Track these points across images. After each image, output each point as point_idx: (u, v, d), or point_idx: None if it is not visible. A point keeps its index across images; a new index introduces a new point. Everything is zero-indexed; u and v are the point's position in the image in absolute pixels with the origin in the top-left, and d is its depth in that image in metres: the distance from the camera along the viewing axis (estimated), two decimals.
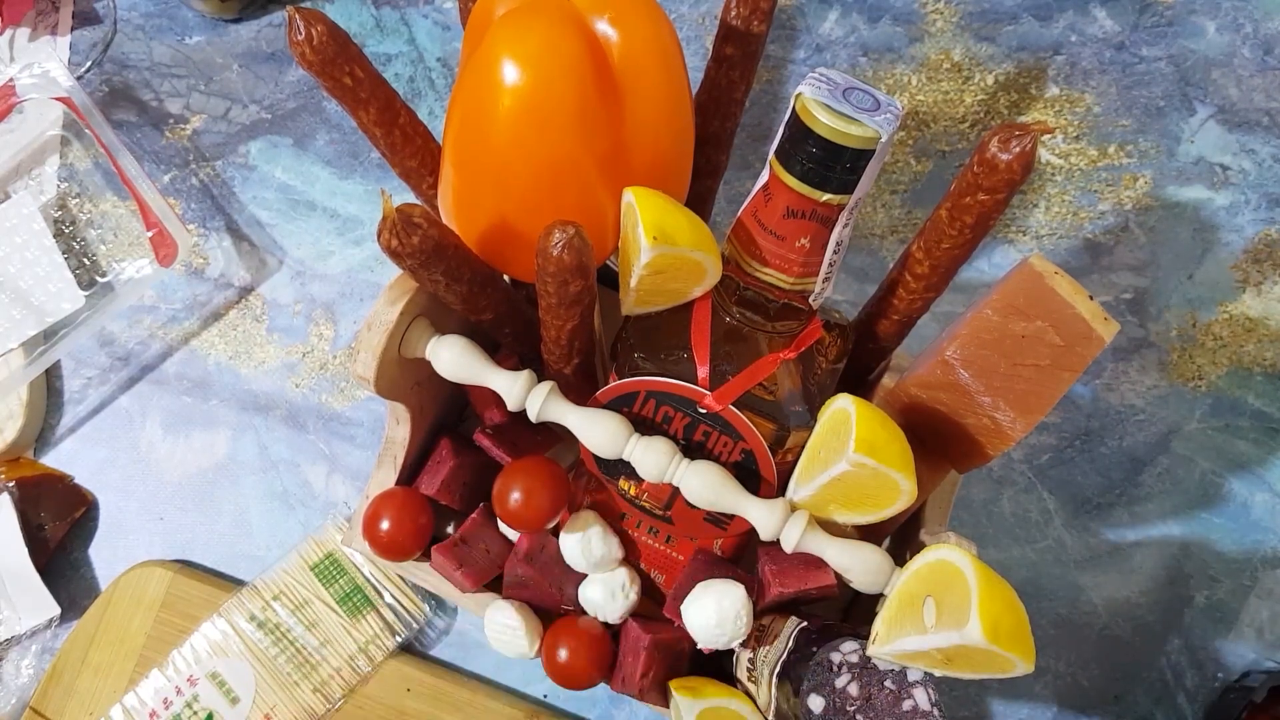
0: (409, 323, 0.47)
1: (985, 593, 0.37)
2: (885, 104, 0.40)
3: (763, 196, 0.43)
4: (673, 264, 0.42)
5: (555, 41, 0.40)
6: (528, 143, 0.42)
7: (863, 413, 0.42)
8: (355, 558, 0.63)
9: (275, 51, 0.71)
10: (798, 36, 0.69)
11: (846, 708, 0.42)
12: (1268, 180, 0.65)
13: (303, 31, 0.42)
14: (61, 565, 0.66)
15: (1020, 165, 0.38)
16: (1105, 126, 0.66)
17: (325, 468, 0.66)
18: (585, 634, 0.52)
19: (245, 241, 0.69)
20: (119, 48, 0.72)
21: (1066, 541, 0.62)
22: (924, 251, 0.44)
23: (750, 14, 0.46)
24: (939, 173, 0.66)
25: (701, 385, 0.45)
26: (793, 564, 0.46)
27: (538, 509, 0.48)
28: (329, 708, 0.61)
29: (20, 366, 0.64)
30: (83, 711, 0.62)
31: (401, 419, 0.53)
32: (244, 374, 0.67)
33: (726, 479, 0.45)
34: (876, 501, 0.43)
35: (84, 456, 0.67)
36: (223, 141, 0.70)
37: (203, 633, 0.61)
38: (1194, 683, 0.60)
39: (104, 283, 0.67)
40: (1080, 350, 0.41)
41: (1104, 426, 0.63)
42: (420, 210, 0.41)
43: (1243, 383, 0.63)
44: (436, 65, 0.70)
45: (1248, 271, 0.64)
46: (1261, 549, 0.61)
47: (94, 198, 0.70)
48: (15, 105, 0.66)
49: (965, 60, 0.67)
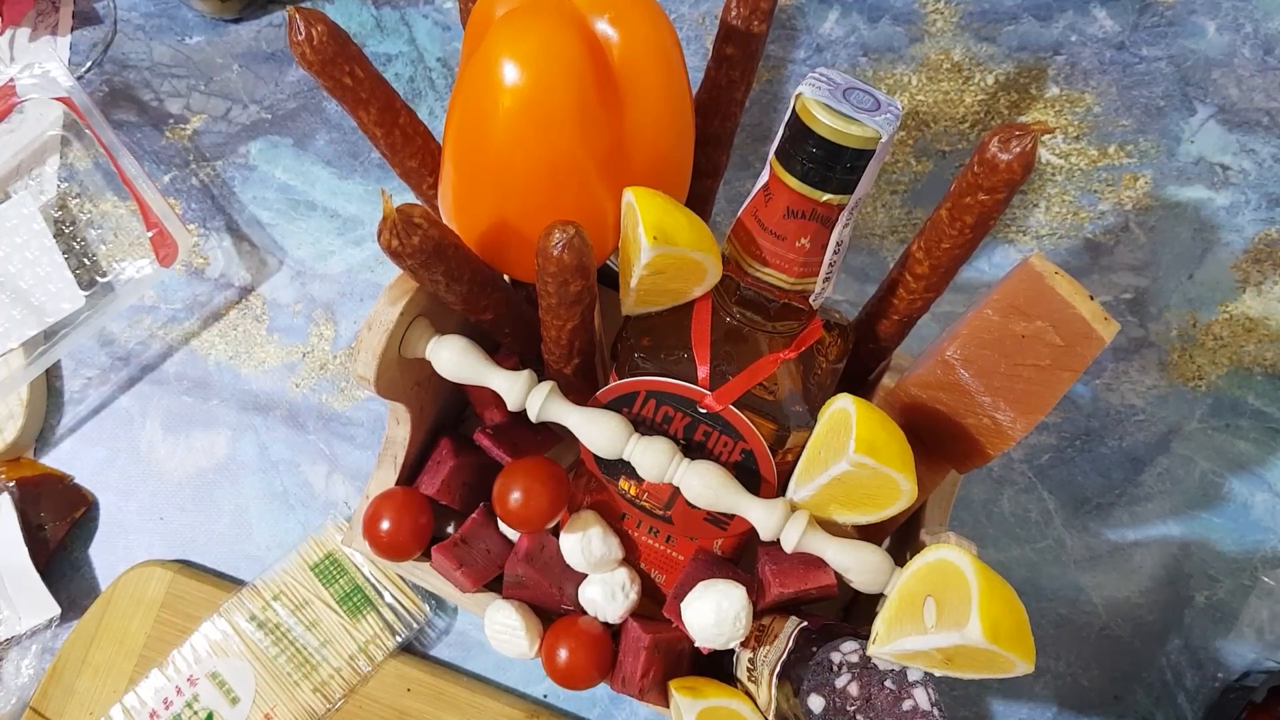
0: (409, 323, 0.47)
1: (985, 593, 0.37)
2: (885, 104, 0.40)
3: (763, 196, 0.43)
4: (673, 264, 0.42)
5: (555, 41, 0.40)
6: (528, 143, 0.42)
7: (863, 413, 0.42)
8: (355, 558, 0.63)
9: (275, 51, 0.71)
10: (798, 36, 0.69)
11: (846, 708, 0.42)
12: (1268, 180, 0.65)
13: (303, 31, 0.42)
14: (61, 565, 0.66)
15: (1020, 165, 0.38)
16: (1105, 126, 0.66)
17: (325, 468, 0.66)
18: (585, 634, 0.52)
19: (245, 241, 0.69)
20: (119, 48, 0.72)
21: (1066, 541, 0.62)
22: (924, 251, 0.44)
23: (750, 14, 0.46)
24: (939, 173, 0.66)
25: (701, 385, 0.45)
26: (793, 564, 0.46)
27: (538, 509, 0.48)
28: (329, 708, 0.61)
29: (20, 366, 0.64)
30: (83, 711, 0.62)
31: (401, 419, 0.53)
32: (244, 374, 0.67)
33: (727, 479, 0.45)
34: (876, 501, 0.43)
35: (84, 456, 0.67)
36: (223, 141, 0.70)
37: (203, 633, 0.62)
38: (1194, 683, 0.60)
39: (104, 283, 0.67)
40: (1080, 350, 0.41)
41: (1104, 426, 0.63)
42: (420, 210, 0.41)
43: (1243, 383, 0.63)
44: (436, 65, 0.70)
45: (1248, 271, 0.64)
46: (1261, 549, 0.61)
47: (94, 198, 0.70)
48: (15, 105, 0.66)
49: (965, 60, 0.67)
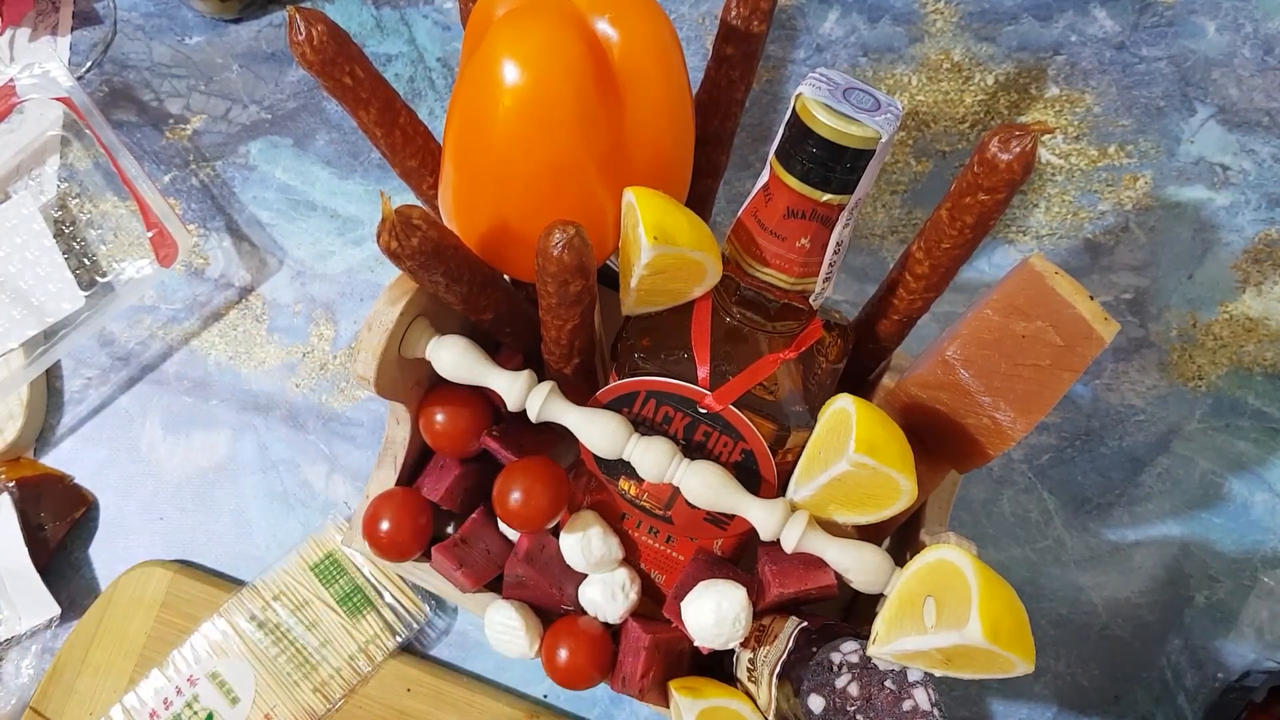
0: (409, 323, 0.47)
1: (985, 593, 0.37)
2: (885, 104, 0.40)
3: (763, 196, 0.43)
4: (673, 264, 0.42)
5: (555, 41, 0.40)
6: (528, 143, 0.42)
7: (863, 413, 0.42)
8: (355, 558, 0.63)
9: (275, 51, 0.71)
10: (798, 36, 0.69)
11: (846, 708, 0.42)
12: (1268, 180, 0.65)
13: (303, 31, 0.42)
14: (61, 565, 0.66)
15: (1020, 165, 0.38)
16: (1105, 126, 0.66)
17: (325, 468, 0.66)
18: (585, 634, 0.52)
19: (245, 242, 0.69)
20: (119, 48, 0.72)
21: (1066, 541, 0.62)
22: (924, 251, 0.44)
23: (750, 14, 0.46)
24: (939, 173, 0.66)
25: (702, 385, 0.45)
26: (793, 564, 0.46)
27: (538, 509, 0.48)
28: (329, 708, 0.61)
29: (20, 366, 0.64)
30: (83, 711, 0.62)
31: (401, 419, 0.53)
32: (244, 374, 0.67)
33: (727, 479, 0.45)
34: (876, 501, 0.43)
35: (84, 456, 0.67)
36: (223, 141, 0.70)
37: (203, 633, 0.61)
38: (1194, 683, 0.60)
39: (104, 283, 0.67)
40: (1080, 350, 0.41)
41: (1104, 426, 0.63)
42: (419, 212, 0.41)
43: (1243, 383, 0.63)
44: (436, 65, 0.70)
45: (1248, 271, 0.64)
46: (1261, 549, 0.61)
47: (94, 198, 0.70)
48: (15, 105, 0.66)
49: (965, 60, 0.67)
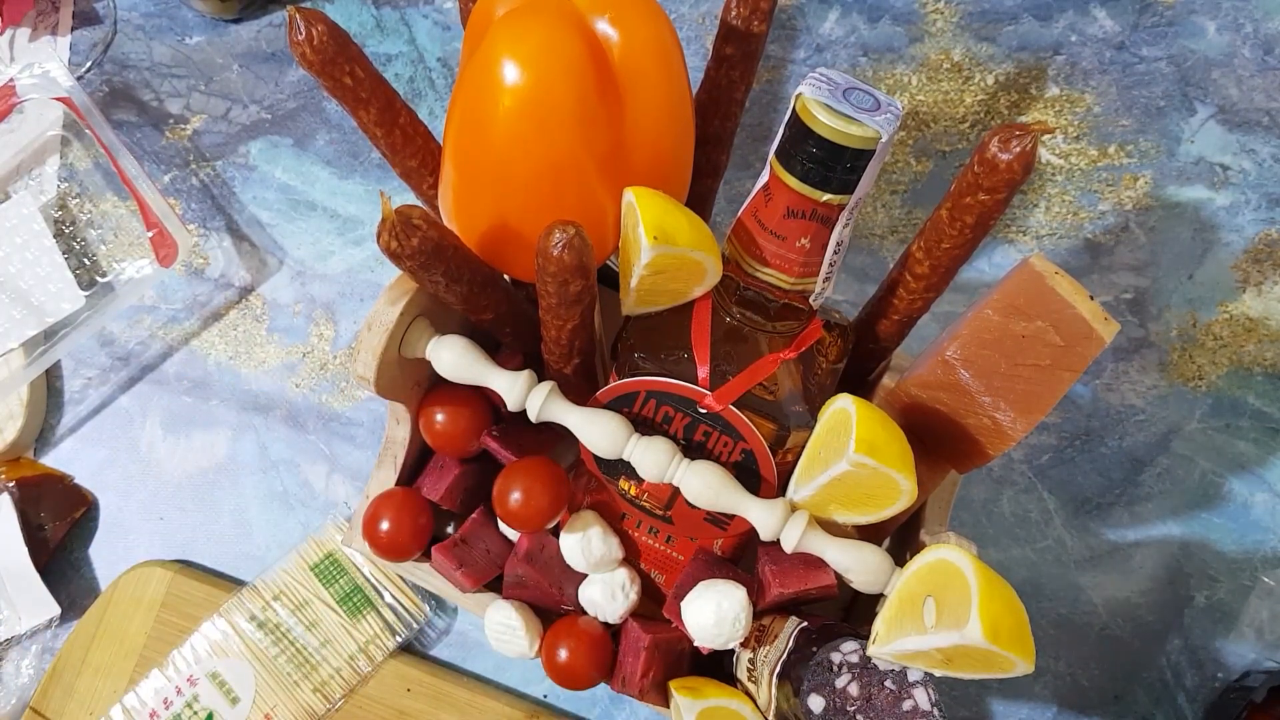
0: (409, 323, 0.47)
1: (985, 593, 0.37)
2: (885, 104, 0.40)
3: (763, 196, 0.43)
4: (673, 264, 0.42)
5: (555, 41, 0.40)
6: (528, 143, 0.42)
7: (863, 413, 0.42)
8: (355, 558, 0.63)
9: (275, 51, 0.71)
10: (798, 36, 0.69)
11: (846, 708, 0.42)
12: (1268, 180, 0.65)
13: (303, 31, 0.42)
14: (61, 565, 0.66)
15: (1020, 165, 0.38)
16: (1105, 126, 0.66)
17: (325, 468, 0.66)
18: (585, 634, 0.52)
19: (245, 241, 0.69)
20: (119, 48, 0.72)
21: (1066, 541, 0.62)
22: (924, 251, 0.44)
23: (750, 14, 0.46)
24: (939, 173, 0.66)
25: (702, 385, 0.45)
26: (793, 564, 0.46)
27: (538, 509, 0.48)
28: (329, 708, 0.61)
29: (20, 366, 0.64)
30: (83, 711, 0.62)
31: (401, 419, 0.53)
32: (244, 374, 0.67)
33: (727, 479, 0.45)
34: (876, 501, 0.43)
35: (84, 456, 0.67)
36: (223, 141, 0.70)
37: (203, 633, 0.61)
38: (1194, 683, 0.60)
39: (104, 283, 0.67)
40: (1080, 350, 0.41)
41: (1104, 426, 0.63)
42: (419, 212, 0.41)
43: (1243, 383, 0.63)
44: (436, 65, 0.70)
45: (1248, 271, 0.64)
46: (1261, 549, 0.61)
47: (94, 198, 0.70)
48: (15, 105, 0.66)
49: (965, 60, 0.67)
